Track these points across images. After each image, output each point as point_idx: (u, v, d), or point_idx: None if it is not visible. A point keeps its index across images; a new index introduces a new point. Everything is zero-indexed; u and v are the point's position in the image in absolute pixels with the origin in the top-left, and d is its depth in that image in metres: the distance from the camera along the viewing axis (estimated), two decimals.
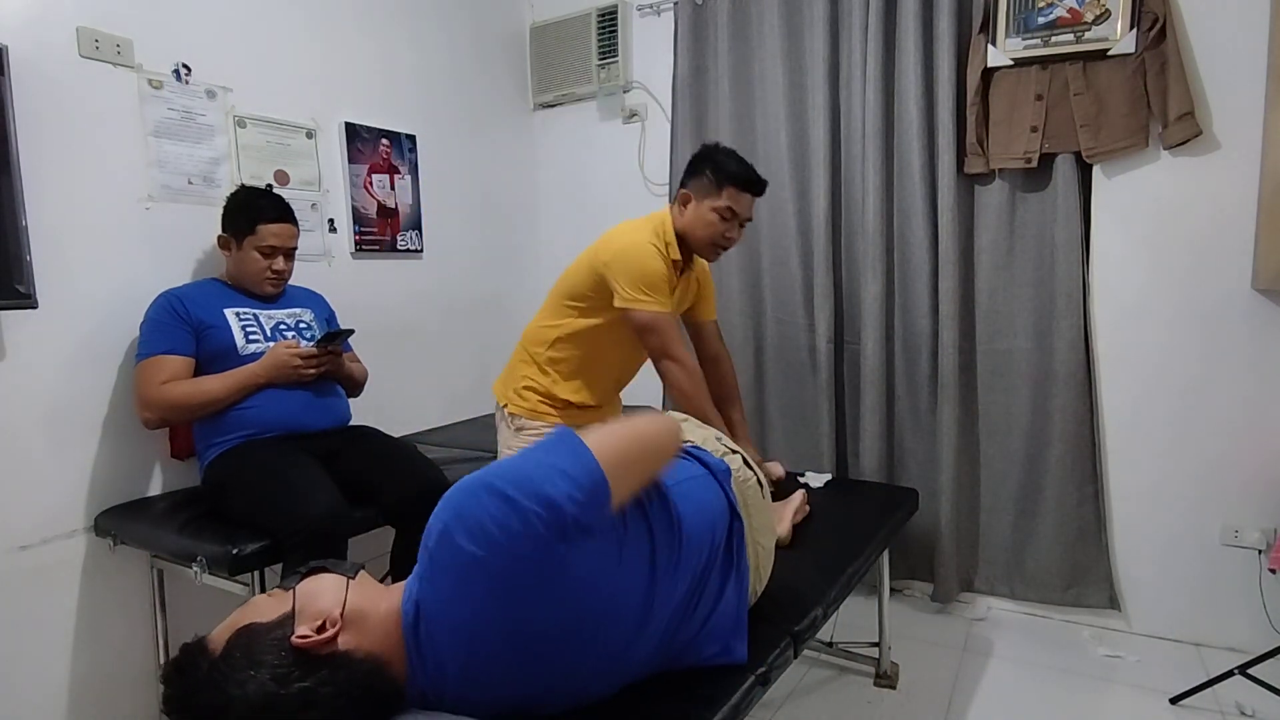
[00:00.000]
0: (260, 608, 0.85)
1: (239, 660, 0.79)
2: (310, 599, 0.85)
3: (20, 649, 1.69)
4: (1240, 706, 1.84)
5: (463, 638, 0.85)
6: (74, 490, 1.77)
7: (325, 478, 1.66)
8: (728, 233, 1.74)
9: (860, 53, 2.41)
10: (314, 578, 0.90)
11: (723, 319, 2.72)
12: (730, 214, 1.72)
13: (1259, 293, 2.01)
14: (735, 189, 1.71)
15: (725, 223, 1.73)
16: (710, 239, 1.75)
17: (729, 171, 1.71)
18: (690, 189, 1.75)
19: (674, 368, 1.71)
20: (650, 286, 1.67)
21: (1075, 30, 2.09)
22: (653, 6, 2.83)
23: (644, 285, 1.67)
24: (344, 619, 0.84)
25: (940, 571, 2.39)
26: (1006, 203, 2.27)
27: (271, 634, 0.81)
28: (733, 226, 1.75)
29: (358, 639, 0.84)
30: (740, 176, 1.72)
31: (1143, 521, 2.21)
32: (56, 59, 1.71)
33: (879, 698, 1.97)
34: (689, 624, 1.07)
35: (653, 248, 1.69)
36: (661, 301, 1.69)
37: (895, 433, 2.51)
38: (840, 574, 1.50)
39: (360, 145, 2.43)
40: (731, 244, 1.78)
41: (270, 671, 0.78)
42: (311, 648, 0.80)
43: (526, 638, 0.87)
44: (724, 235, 1.74)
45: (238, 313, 1.84)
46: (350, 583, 0.89)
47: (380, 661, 0.84)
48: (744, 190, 1.73)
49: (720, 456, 1.27)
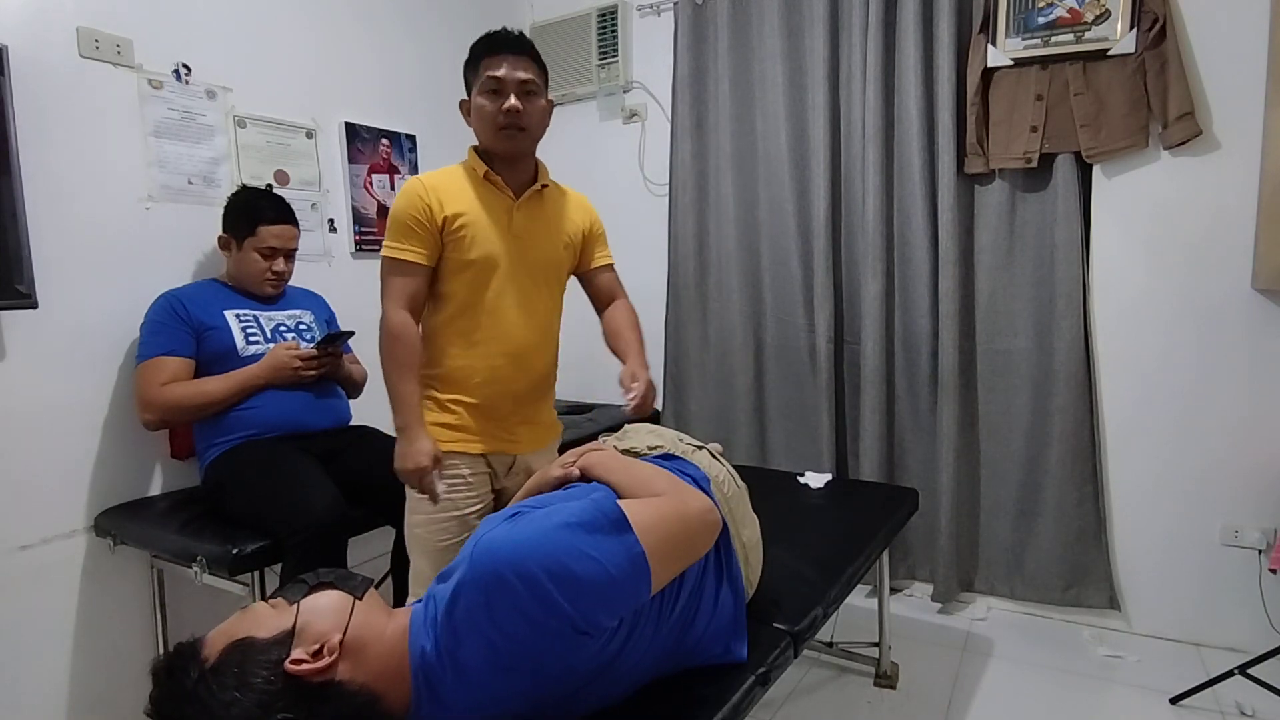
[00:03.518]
0: (260, 619, 0.82)
1: (228, 678, 0.76)
2: (312, 618, 0.82)
3: (20, 649, 1.69)
4: (1240, 706, 1.84)
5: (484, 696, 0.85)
6: (74, 490, 1.77)
7: (325, 478, 1.66)
8: (505, 107, 1.40)
9: (860, 53, 2.41)
10: (320, 594, 0.86)
11: (723, 319, 2.74)
12: (496, 85, 1.40)
13: (1259, 293, 2.01)
14: (487, 57, 1.42)
15: (496, 97, 1.41)
16: (492, 124, 1.42)
17: (476, 47, 1.45)
18: (466, 95, 1.49)
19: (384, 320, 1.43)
20: (391, 229, 1.43)
21: (1075, 30, 2.09)
22: (653, 6, 2.83)
23: (389, 229, 1.44)
24: (343, 646, 0.81)
25: (940, 571, 2.39)
26: (1006, 203, 2.27)
27: (267, 654, 0.78)
28: (505, 98, 1.41)
29: (354, 670, 0.81)
30: (482, 42, 1.43)
31: (1143, 521, 2.21)
32: (56, 59, 1.71)
33: (879, 698, 1.97)
34: (690, 633, 1.06)
35: (409, 185, 1.44)
36: (393, 245, 1.42)
37: (895, 433, 2.51)
38: (840, 574, 1.50)
39: (360, 145, 2.43)
40: (518, 119, 1.42)
41: (257, 696, 0.75)
42: (304, 676, 0.77)
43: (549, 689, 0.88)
44: (502, 112, 1.40)
45: (238, 314, 1.85)
46: (356, 604, 0.86)
47: (375, 695, 0.81)
48: (495, 53, 1.41)
49: (686, 458, 1.27)
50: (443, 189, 1.44)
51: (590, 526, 0.88)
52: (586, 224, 1.63)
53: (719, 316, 2.76)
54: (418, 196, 1.41)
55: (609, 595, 0.86)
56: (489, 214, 1.46)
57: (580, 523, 0.88)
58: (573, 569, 0.83)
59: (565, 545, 0.85)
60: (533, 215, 1.52)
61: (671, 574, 0.97)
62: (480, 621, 0.83)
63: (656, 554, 0.90)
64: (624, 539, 0.89)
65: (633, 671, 0.98)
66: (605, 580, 0.85)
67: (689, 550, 1.01)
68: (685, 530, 0.99)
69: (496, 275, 1.46)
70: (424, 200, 1.42)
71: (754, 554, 1.29)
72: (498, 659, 0.84)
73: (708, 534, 1.04)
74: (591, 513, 0.91)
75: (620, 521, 0.90)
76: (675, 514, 0.99)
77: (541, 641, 0.83)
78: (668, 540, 0.94)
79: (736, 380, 2.72)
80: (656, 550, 0.90)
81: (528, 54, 1.43)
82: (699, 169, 2.77)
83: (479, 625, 0.83)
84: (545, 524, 0.88)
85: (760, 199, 2.65)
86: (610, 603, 0.86)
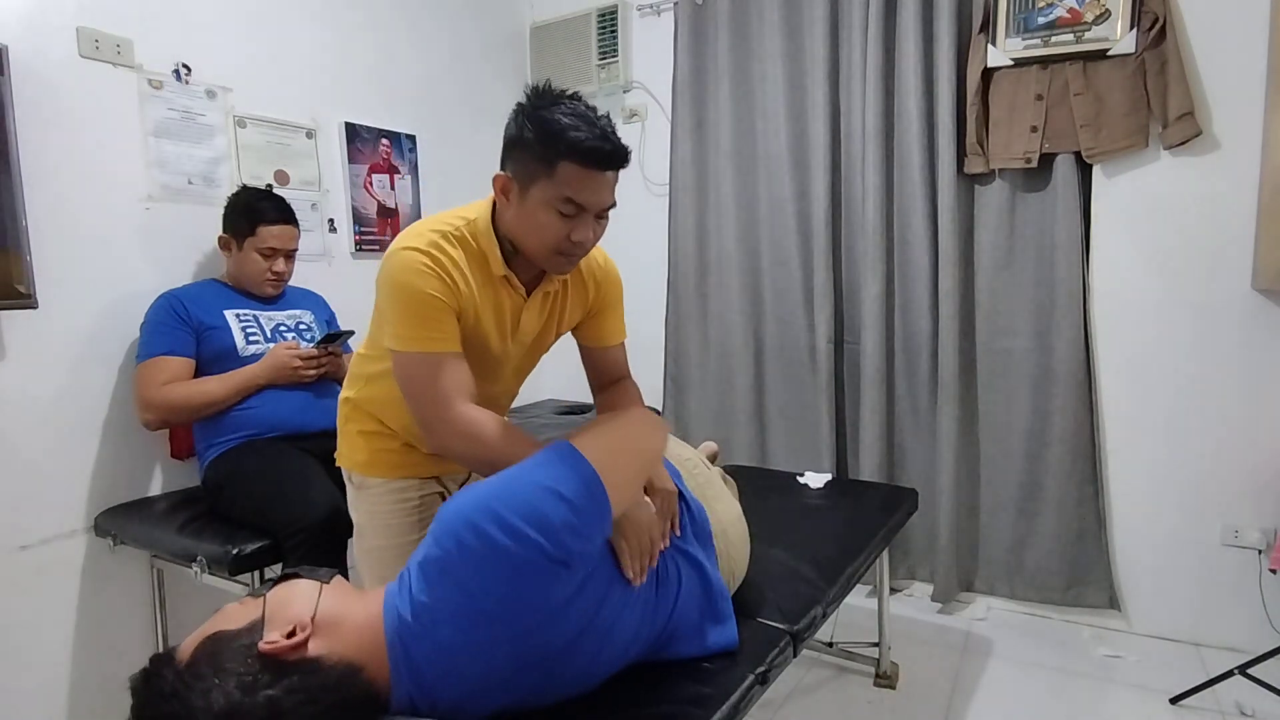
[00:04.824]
0: (230, 616, 0.83)
1: (204, 669, 0.76)
2: (282, 605, 0.84)
3: (20, 649, 1.69)
4: (1240, 706, 1.84)
5: (462, 652, 0.85)
6: (74, 490, 1.77)
7: (325, 478, 1.66)
8: (575, 234, 1.11)
9: (860, 53, 2.41)
10: (286, 584, 0.88)
11: (723, 319, 2.74)
12: (575, 210, 1.10)
13: (1259, 292, 2.01)
14: (578, 167, 1.07)
15: (568, 220, 1.10)
16: (549, 246, 1.13)
17: (565, 139, 1.06)
18: (510, 169, 1.13)
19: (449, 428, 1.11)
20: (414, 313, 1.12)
21: (1075, 30, 2.09)
22: (653, 6, 2.83)
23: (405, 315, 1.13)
24: (315, 624, 0.82)
25: (940, 571, 2.39)
26: (1006, 203, 2.27)
27: (239, 641, 0.79)
28: (582, 224, 1.11)
29: (330, 644, 0.82)
30: (583, 144, 1.06)
31: (1143, 521, 2.21)
32: (56, 59, 1.71)
33: (879, 698, 1.97)
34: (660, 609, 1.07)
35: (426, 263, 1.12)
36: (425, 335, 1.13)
37: (895, 433, 2.51)
38: (840, 574, 1.50)
39: (360, 145, 2.43)
40: (585, 250, 1.16)
41: (236, 680, 0.75)
42: (279, 654, 0.78)
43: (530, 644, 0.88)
44: (572, 241, 1.12)
45: (238, 314, 1.85)
46: (324, 588, 0.88)
47: (354, 667, 0.82)
48: (590, 165, 1.08)
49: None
50: (457, 274, 1.15)
51: (539, 462, 0.93)
52: (589, 300, 1.35)
53: (719, 316, 2.76)
54: (440, 280, 1.13)
55: (571, 518, 0.87)
56: (495, 314, 1.22)
57: (531, 463, 0.93)
58: (531, 500, 0.86)
59: (522, 481, 0.90)
60: (538, 308, 1.28)
61: (630, 487, 1.01)
62: (453, 567, 0.85)
63: (606, 467, 0.94)
64: (573, 462, 0.92)
65: (616, 634, 0.98)
66: (565, 502, 0.87)
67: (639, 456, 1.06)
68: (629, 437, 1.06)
69: (481, 364, 1.23)
70: (448, 284, 1.14)
71: (735, 531, 1.30)
72: (472, 603, 0.84)
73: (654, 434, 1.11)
74: (540, 455, 0.95)
75: (567, 451, 0.94)
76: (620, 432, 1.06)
77: (516, 578, 0.84)
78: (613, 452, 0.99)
79: (736, 380, 2.72)
80: (606, 463, 0.94)
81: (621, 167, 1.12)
82: (699, 169, 2.77)
83: (452, 571, 0.85)
84: (498, 476, 0.93)
85: (760, 199, 2.65)
86: (576, 526, 0.88)
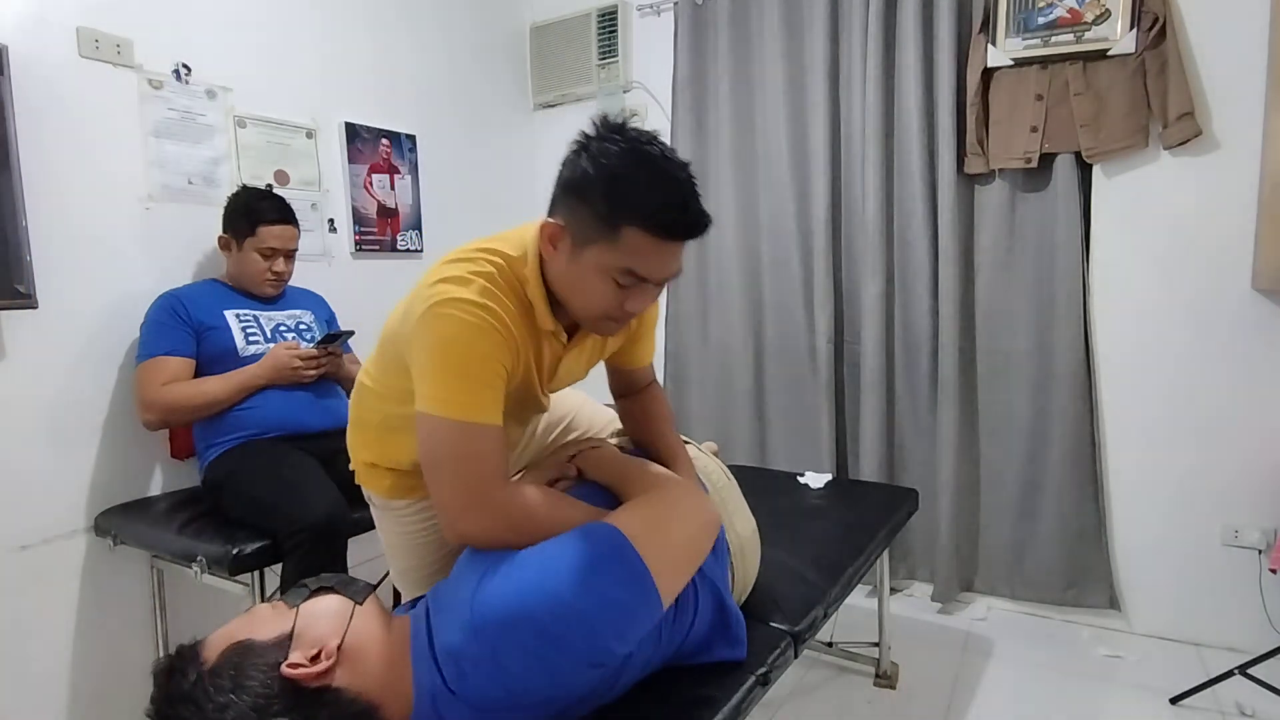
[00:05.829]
0: (261, 621, 0.83)
1: (225, 680, 0.76)
2: (311, 622, 0.82)
3: (20, 649, 1.69)
4: (1240, 706, 1.84)
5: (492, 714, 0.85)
6: (74, 490, 1.77)
7: (325, 478, 1.66)
8: (630, 304, 0.99)
9: (860, 53, 2.41)
10: (319, 598, 0.87)
11: (723, 319, 2.74)
12: (636, 281, 0.97)
13: (1259, 293, 2.01)
14: (647, 233, 0.93)
15: (626, 292, 0.98)
16: (597, 313, 1.01)
17: (637, 202, 0.92)
18: (564, 218, 0.99)
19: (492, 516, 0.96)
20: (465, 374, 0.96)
21: (1075, 30, 2.09)
22: (653, 6, 2.83)
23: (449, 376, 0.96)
24: (341, 652, 0.81)
25: (940, 571, 2.39)
26: (1006, 203, 2.27)
27: (264, 656, 0.78)
28: (640, 294, 0.99)
29: (351, 677, 0.80)
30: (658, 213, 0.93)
31: (1143, 521, 2.21)
32: (56, 59, 1.71)
33: (879, 698, 1.97)
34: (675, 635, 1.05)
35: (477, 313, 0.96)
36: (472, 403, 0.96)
37: (895, 433, 2.51)
38: (840, 574, 1.50)
39: (360, 145, 2.43)
40: (633, 317, 1.04)
41: (253, 699, 0.75)
42: (301, 680, 0.77)
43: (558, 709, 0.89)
44: (627, 312, 1.00)
45: (238, 314, 1.85)
46: (356, 609, 0.86)
47: (371, 706, 0.80)
48: (670, 236, 0.95)
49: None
50: (515, 329, 1.01)
51: (590, 557, 0.87)
52: (631, 329, 1.25)
53: (719, 316, 2.76)
54: (501, 338, 0.98)
55: (620, 624, 0.85)
56: (537, 364, 1.10)
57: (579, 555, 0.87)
58: (579, 605, 0.83)
59: (568, 582, 0.84)
60: (576, 354, 1.18)
61: (679, 585, 0.96)
62: (488, 669, 0.83)
63: (661, 569, 0.89)
64: (626, 562, 0.87)
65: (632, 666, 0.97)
66: (614, 609, 0.84)
67: (693, 556, 1.00)
68: (685, 537, 0.99)
69: (514, 414, 1.12)
70: (507, 344, 0.99)
71: (750, 547, 1.28)
72: (510, 698, 0.84)
73: (707, 535, 1.04)
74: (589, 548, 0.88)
75: (620, 546, 0.89)
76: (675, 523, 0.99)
77: (554, 679, 0.84)
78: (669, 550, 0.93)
79: (736, 380, 2.72)
80: (661, 565, 0.89)
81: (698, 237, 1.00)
82: (699, 169, 2.72)
83: (486, 672, 0.83)
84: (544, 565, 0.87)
85: (760, 199, 2.65)
86: (622, 631, 0.86)
